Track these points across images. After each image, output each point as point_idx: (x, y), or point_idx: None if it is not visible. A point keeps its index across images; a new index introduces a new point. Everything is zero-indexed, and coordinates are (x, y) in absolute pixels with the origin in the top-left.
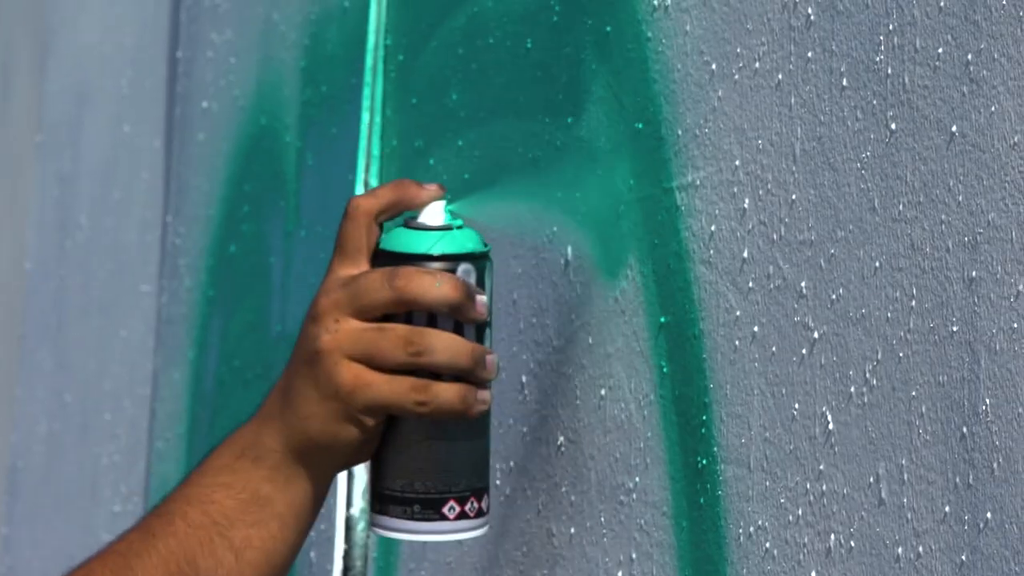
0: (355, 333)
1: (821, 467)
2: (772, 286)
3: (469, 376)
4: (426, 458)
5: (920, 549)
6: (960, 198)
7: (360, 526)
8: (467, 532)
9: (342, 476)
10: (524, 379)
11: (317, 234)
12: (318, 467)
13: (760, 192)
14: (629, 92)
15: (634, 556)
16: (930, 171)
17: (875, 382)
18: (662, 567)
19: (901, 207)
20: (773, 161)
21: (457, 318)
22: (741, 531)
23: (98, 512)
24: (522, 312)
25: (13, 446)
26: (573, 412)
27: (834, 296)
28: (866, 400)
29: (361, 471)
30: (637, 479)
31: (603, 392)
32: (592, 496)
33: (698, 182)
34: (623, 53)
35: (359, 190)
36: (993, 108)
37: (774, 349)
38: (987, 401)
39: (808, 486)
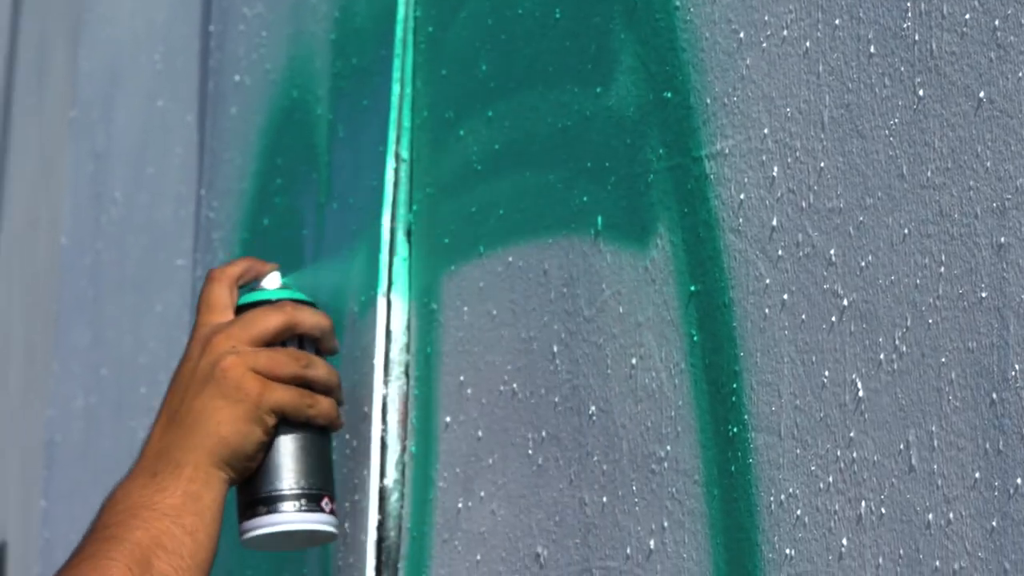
0: (255, 352)
1: (851, 434)
2: (801, 254)
3: (335, 394)
4: (306, 460)
5: (950, 515)
6: (988, 164)
7: (394, 497)
8: (335, 527)
9: (375, 448)
10: (555, 349)
11: (349, 206)
12: (226, 469)
13: (789, 160)
14: (657, 61)
15: (666, 524)
16: (958, 137)
17: (905, 349)
18: (694, 535)
19: (929, 173)
20: (802, 129)
21: (321, 347)
22: (772, 499)
23: None
24: (553, 282)
25: (50, 421)
26: (604, 382)
27: (863, 263)
28: (896, 367)
29: (394, 441)
30: (668, 448)
31: (634, 361)
32: (624, 465)
33: (727, 150)
34: (651, 22)
35: (389, 163)
36: (1021, 73)
37: (804, 317)
38: (1016, 367)
39: (839, 453)
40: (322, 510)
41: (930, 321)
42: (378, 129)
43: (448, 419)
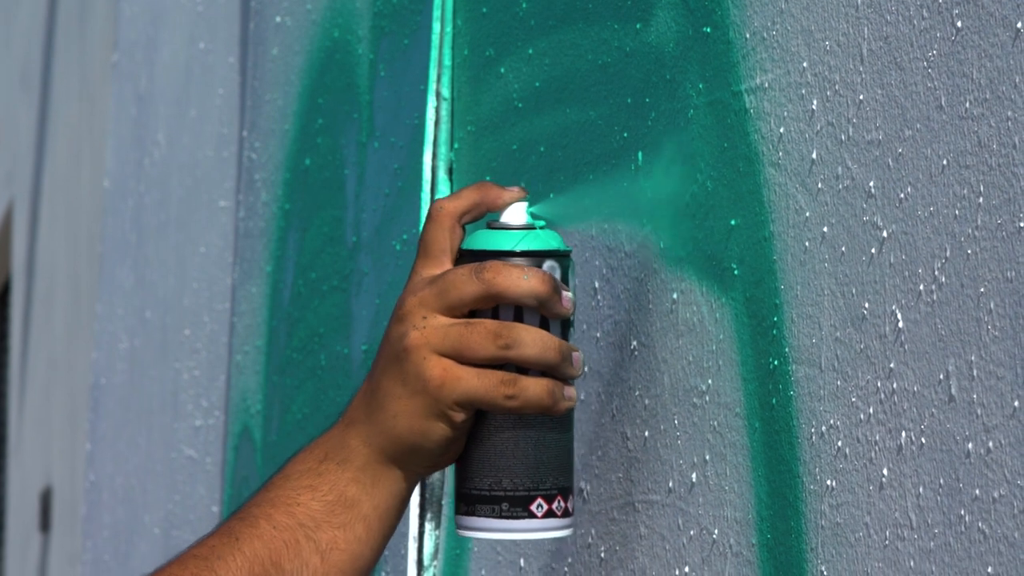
0: (443, 328)
1: (891, 365)
2: (841, 186)
3: (556, 372)
4: (513, 455)
5: (990, 444)
6: None
7: None
8: (555, 531)
9: None
10: (596, 285)
11: (390, 145)
12: (404, 468)
13: (828, 93)
14: None
15: (708, 457)
16: (996, 68)
17: (944, 279)
18: (735, 467)
19: (968, 105)
20: (840, 62)
21: (543, 313)
22: (813, 430)
23: (179, 427)
24: (593, 217)
25: (95, 363)
26: (645, 316)
27: (902, 195)
28: (935, 298)
29: None
30: (710, 381)
31: (675, 296)
32: (665, 399)
33: (766, 84)
34: None
35: (430, 101)
36: None
37: (843, 249)
38: None
39: (879, 384)
40: (531, 515)
41: (969, 251)
42: (419, 68)
43: None
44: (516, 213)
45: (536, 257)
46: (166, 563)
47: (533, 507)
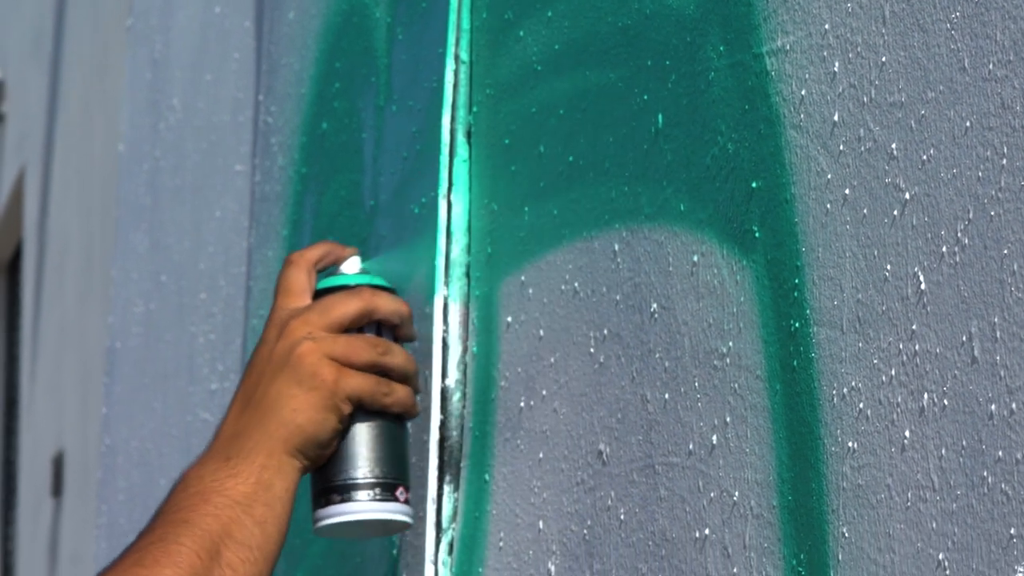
0: (331, 338)
1: (914, 327)
2: (863, 148)
3: (411, 382)
4: (381, 449)
5: (1013, 406)
6: None
7: (456, 396)
8: (411, 517)
9: (437, 348)
10: (616, 247)
11: (408, 108)
12: (300, 457)
13: (850, 55)
14: None
15: (728, 419)
16: (1020, 29)
17: (967, 241)
18: (756, 430)
19: (991, 66)
20: (863, 24)
21: (400, 333)
22: (835, 392)
23: (195, 390)
24: (613, 180)
25: (110, 327)
26: (666, 279)
27: (925, 157)
28: (958, 259)
29: (455, 342)
30: (730, 343)
31: (696, 258)
32: (686, 361)
33: (788, 47)
34: None
35: (449, 64)
36: None
37: (865, 211)
38: None
39: (901, 346)
40: (396, 499)
41: (992, 213)
42: (437, 31)
43: (510, 319)
44: (353, 264)
45: (382, 289)
46: (117, 560)
47: (397, 492)
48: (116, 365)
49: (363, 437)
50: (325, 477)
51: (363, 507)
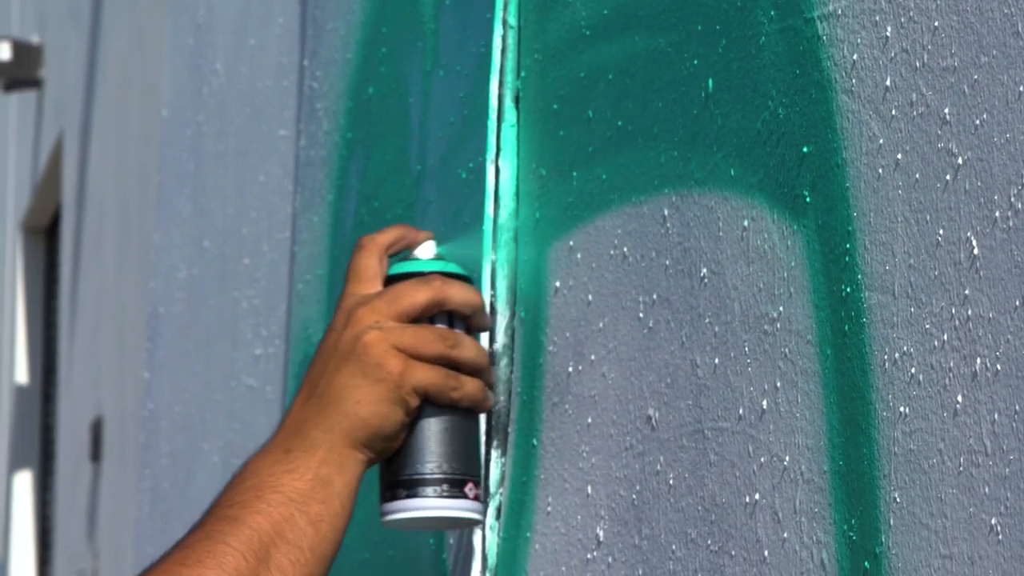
0: (399, 329)
1: (966, 292)
2: (915, 113)
3: (483, 375)
4: (450, 443)
5: None
6: None
7: (503, 361)
8: (480, 514)
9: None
10: (666, 212)
11: (455, 73)
12: (364, 450)
13: (902, 20)
14: None
15: (779, 384)
16: None
17: (1020, 206)
18: (807, 395)
19: None
20: None
21: (472, 323)
22: (886, 357)
23: (239, 356)
24: (662, 145)
25: (153, 292)
26: (716, 244)
27: (978, 122)
28: (1011, 224)
29: (503, 307)
30: (781, 308)
31: (746, 223)
32: (736, 326)
33: (839, 11)
34: None
35: (497, 29)
36: None
37: (918, 176)
38: None
39: (953, 311)
40: (465, 496)
41: None
42: None
43: (558, 284)
44: (427, 249)
45: (460, 278)
46: (165, 555)
47: (466, 489)
48: (159, 330)
49: (431, 431)
50: (393, 470)
51: (430, 503)
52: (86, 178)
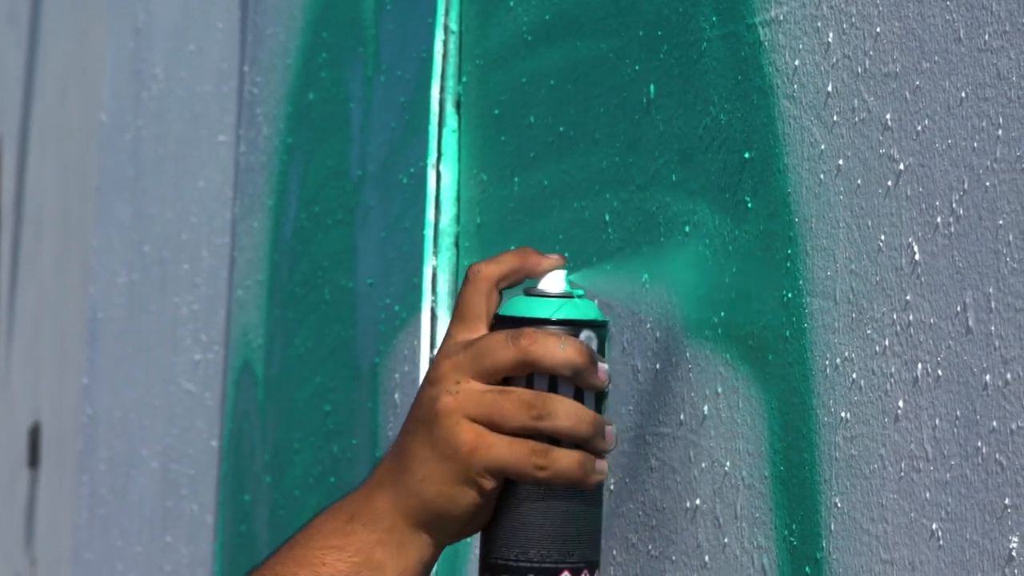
0: (477, 394)
1: (908, 297)
2: (857, 119)
3: (588, 445)
4: (541, 526)
5: (1008, 376)
6: None
7: None
8: None
9: (426, 319)
10: (607, 218)
11: (396, 78)
12: (431, 534)
13: (844, 26)
14: None
15: (720, 390)
16: (1016, 0)
17: (961, 212)
18: (748, 400)
19: (987, 37)
20: None
21: (578, 384)
22: (827, 362)
23: (178, 361)
24: (604, 150)
25: (92, 297)
26: (658, 249)
27: (919, 127)
28: (952, 230)
29: (444, 312)
30: (722, 314)
31: (687, 228)
32: (678, 331)
33: (781, 17)
34: None
35: (438, 34)
36: None
37: (859, 181)
38: None
39: (895, 316)
40: None
41: (987, 184)
42: (426, 0)
43: None
44: (554, 281)
45: (573, 326)
46: None
47: None
48: (98, 336)
49: (520, 511)
50: (483, 547)
51: None
52: (24, 182)
